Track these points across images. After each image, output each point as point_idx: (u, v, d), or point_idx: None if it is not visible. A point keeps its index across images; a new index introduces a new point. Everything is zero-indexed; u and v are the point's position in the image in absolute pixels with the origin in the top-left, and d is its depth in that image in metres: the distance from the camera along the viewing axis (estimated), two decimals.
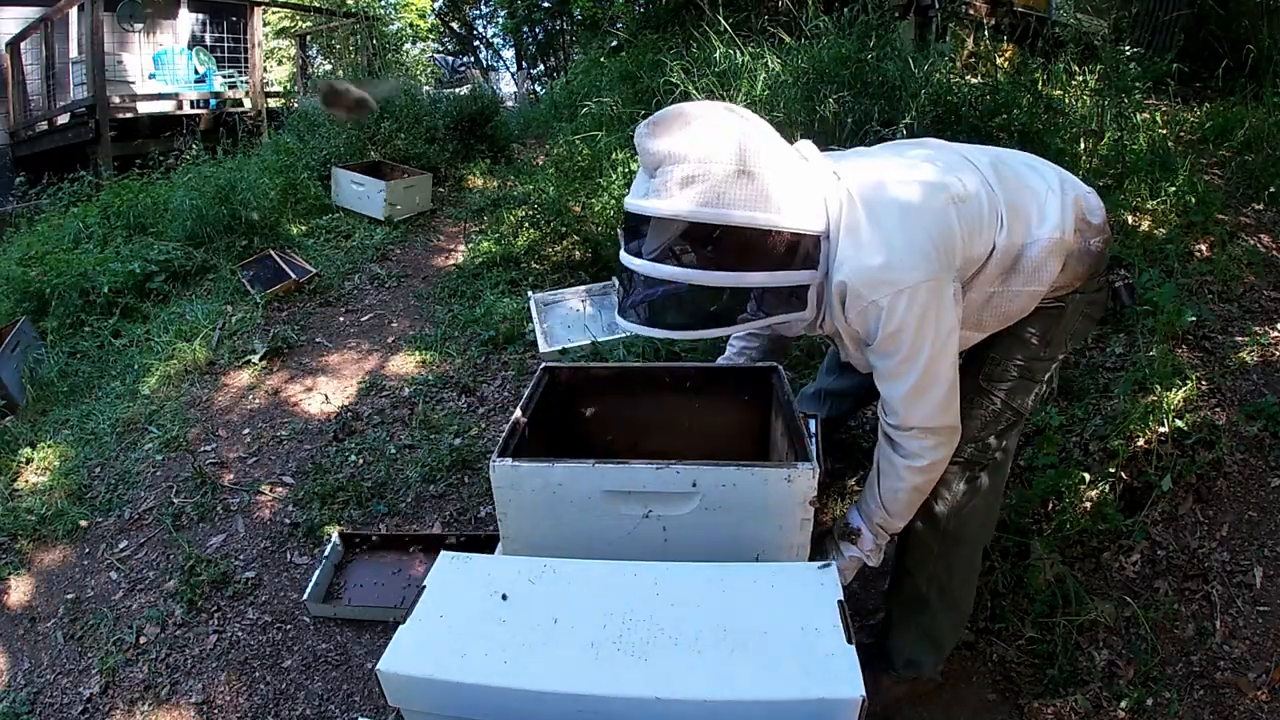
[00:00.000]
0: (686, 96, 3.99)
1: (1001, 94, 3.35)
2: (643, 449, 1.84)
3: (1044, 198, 1.33)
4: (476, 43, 12.62)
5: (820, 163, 1.33)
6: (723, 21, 4.27)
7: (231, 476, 2.61)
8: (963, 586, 1.57)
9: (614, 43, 6.48)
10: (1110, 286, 1.47)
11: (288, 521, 2.40)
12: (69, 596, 2.25)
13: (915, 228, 1.22)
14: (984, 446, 1.45)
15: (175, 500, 2.52)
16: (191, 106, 7.82)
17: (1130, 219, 2.92)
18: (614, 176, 3.79)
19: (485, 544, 2.06)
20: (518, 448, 1.48)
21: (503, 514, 1.44)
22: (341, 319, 3.59)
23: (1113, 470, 2.06)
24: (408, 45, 10.78)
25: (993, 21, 4.92)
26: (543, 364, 1.78)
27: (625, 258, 1.26)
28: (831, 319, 1.31)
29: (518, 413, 1.58)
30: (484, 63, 12.48)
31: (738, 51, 4.10)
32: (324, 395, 3.02)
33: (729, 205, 1.16)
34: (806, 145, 1.36)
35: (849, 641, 1.08)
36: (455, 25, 12.49)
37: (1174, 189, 2.95)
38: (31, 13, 7.32)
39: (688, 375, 1.79)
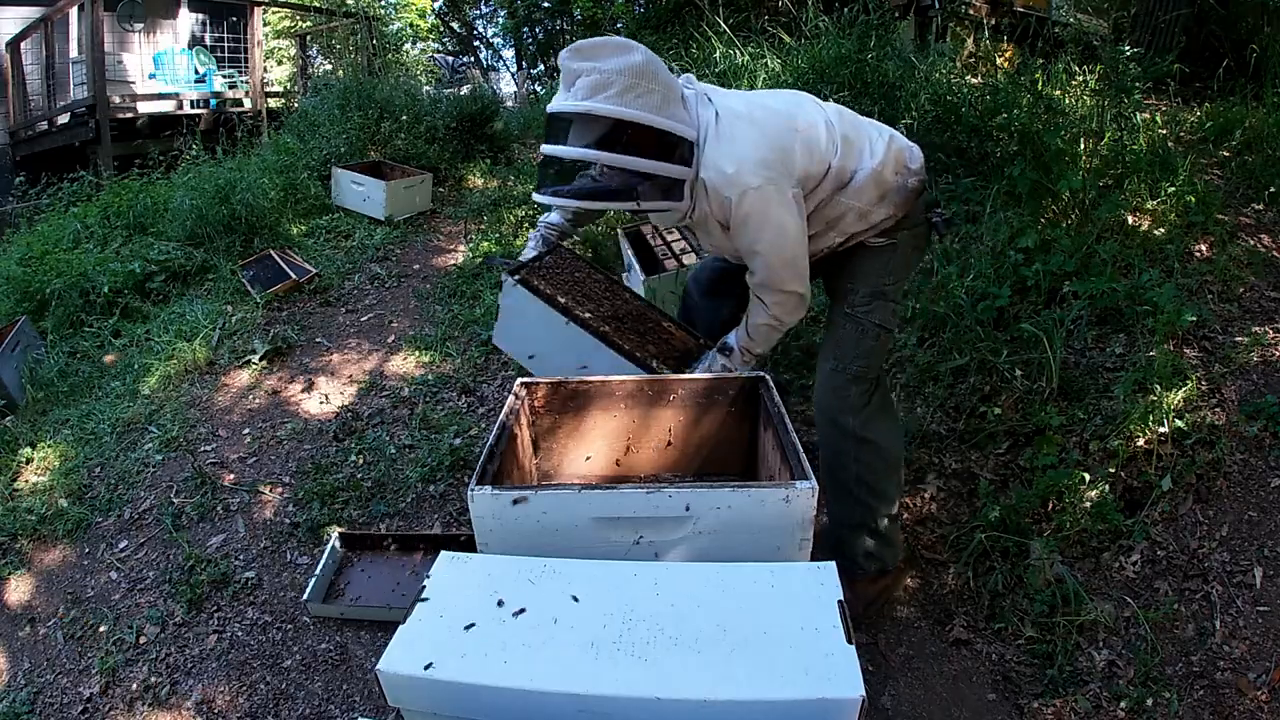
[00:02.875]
0: None
1: (1001, 94, 3.35)
2: (626, 465, 1.82)
3: (874, 140, 1.74)
4: (476, 43, 12.62)
5: (700, 89, 1.69)
6: (722, 22, 4.27)
7: (231, 476, 2.61)
8: (884, 479, 1.84)
9: None
10: (929, 223, 1.86)
11: (288, 521, 2.40)
12: (69, 596, 2.25)
13: (761, 144, 1.60)
14: (866, 360, 1.80)
15: (175, 500, 2.52)
16: (191, 106, 7.82)
17: (1130, 219, 2.92)
18: None
19: None
20: (497, 474, 1.42)
21: (483, 544, 1.37)
22: (341, 319, 3.59)
23: (1113, 470, 2.06)
24: (408, 45, 10.78)
25: (993, 21, 4.92)
26: (519, 380, 1.73)
27: (546, 147, 1.60)
28: (700, 209, 1.68)
29: (493, 436, 1.51)
30: (484, 63, 12.47)
31: (738, 51, 4.10)
32: (324, 395, 3.02)
33: (628, 106, 1.53)
34: (689, 77, 1.73)
35: (849, 641, 1.08)
36: (455, 25, 12.48)
37: (1174, 189, 2.95)
38: (31, 13, 7.32)
39: (672, 388, 1.75)
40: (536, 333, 2.01)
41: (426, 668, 1.09)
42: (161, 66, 7.90)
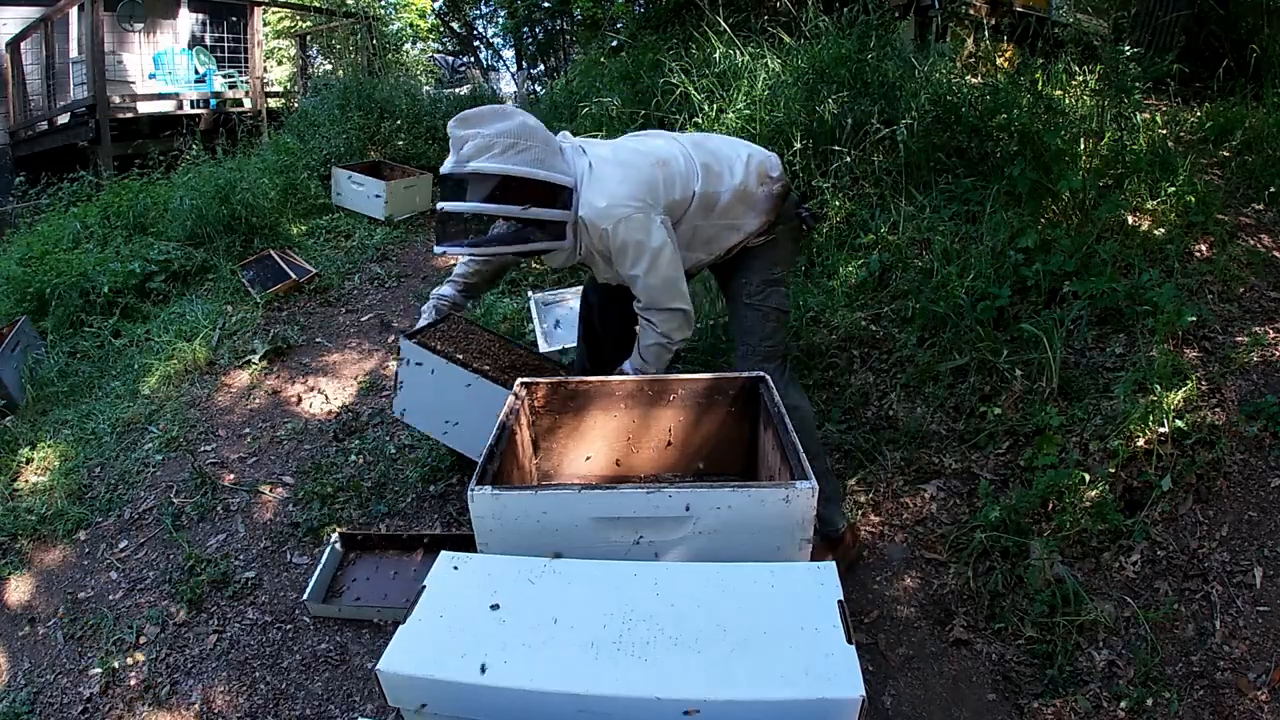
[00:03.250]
0: (686, 97, 3.99)
1: (1001, 94, 3.35)
2: (627, 465, 1.82)
3: (733, 162, 1.93)
4: (476, 43, 12.60)
5: (574, 143, 1.89)
6: (722, 22, 4.27)
7: (231, 476, 2.61)
8: (812, 440, 1.97)
9: (614, 43, 6.48)
10: (800, 218, 2.07)
11: (288, 521, 2.40)
12: (69, 596, 2.25)
13: (627, 180, 1.79)
14: (772, 340, 2.00)
15: (175, 500, 2.52)
16: (191, 106, 7.82)
17: (1130, 219, 2.92)
18: None
19: None
20: (497, 474, 1.42)
21: (483, 544, 1.37)
22: (341, 319, 3.59)
23: (1113, 470, 2.06)
24: (408, 45, 10.78)
25: (993, 22, 4.92)
26: (519, 380, 1.74)
27: (443, 205, 1.78)
28: (584, 245, 1.84)
29: (493, 436, 1.51)
30: (484, 63, 12.46)
31: (737, 52, 4.10)
32: (324, 395, 3.02)
33: (509, 163, 1.72)
34: (565, 134, 1.94)
35: (849, 641, 1.08)
36: (455, 25, 12.48)
37: (1174, 189, 2.95)
38: (31, 13, 7.32)
39: (672, 388, 1.75)
40: (441, 396, 2.14)
41: (426, 668, 1.09)
42: (161, 66, 7.89)
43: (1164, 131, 3.40)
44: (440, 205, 1.81)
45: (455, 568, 1.29)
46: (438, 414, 2.19)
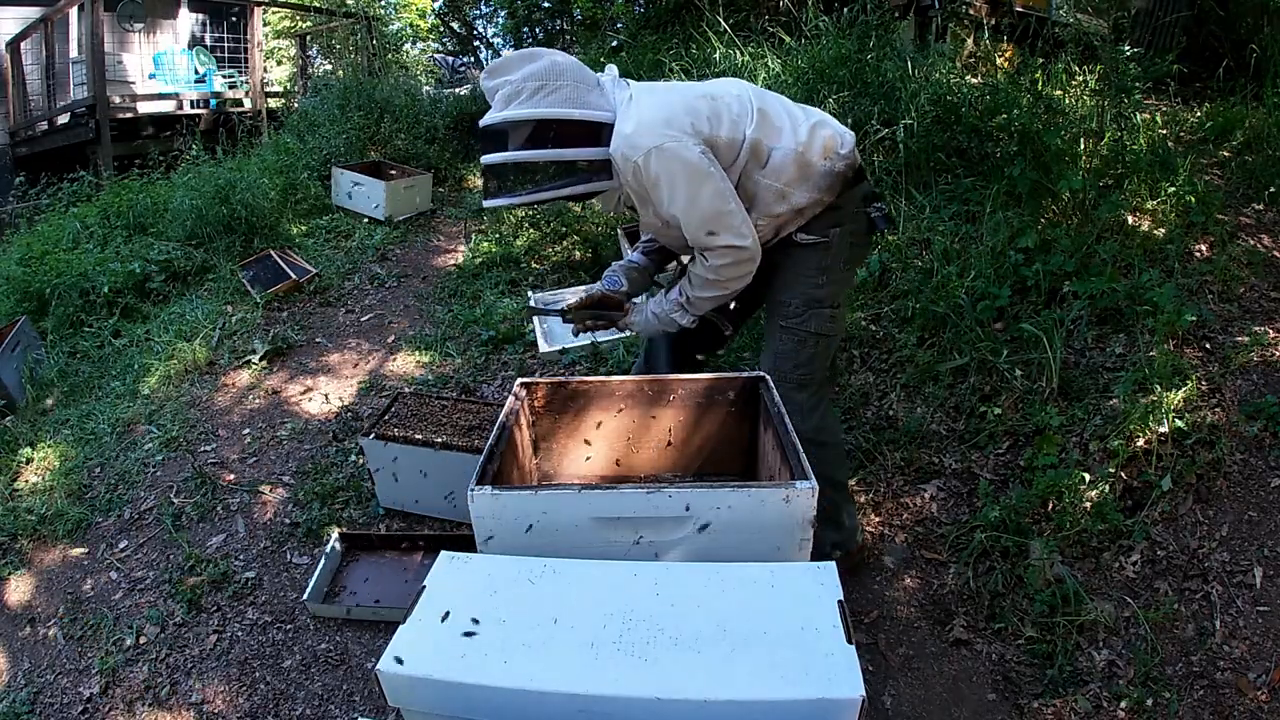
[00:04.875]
0: None
1: (1001, 94, 3.35)
2: (627, 465, 1.82)
3: (797, 121, 1.73)
4: (476, 43, 12.60)
5: (614, 77, 1.75)
6: (722, 22, 4.27)
7: (231, 476, 2.61)
8: (837, 471, 1.92)
9: (614, 43, 6.48)
10: (868, 217, 1.81)
11: (288, 521, 2.40)
12: (69, 596, 2.25)
13: (661, 107, 1.63)
14: (808, 368, 1.81)
15: (175, 500, 2.52)
16: (192, 106, 7.82)
17: (1130, 219, 2.92)
18: None
19: None
20: (497, 474, 1.42)
21: (483, 544, 1.37)
22: (341, 319, 3.59)
23: (1113, 470, 2.06)
24: (408, 45, 10.78)
25: (993, 22, 4.91)
26: (519, 380, 1.74)
27: (484, 158, 1.70)
28: (626, 185, 1.69)
29: (493, 436, 1.51)
30: (484, 63, 12.46)
31: (737, 52, 4.10)
32: (324, 395, 3.02)
33: (539, 106, 1.63)
34: (610, 68, 1.79)
35: (849, 641, 1.08)
36: (455, 25, 12.47)
37: (1174, 189, 2.95)
38: (31, 13, 7.32)
39: (672, 388, 1.74)
40: (420, 475, 2.23)
41: (426, 668, 1.09)
42: (161, 66, 7.89)
43: (1164, 131, 3.40)
44: (482, 159, 1.73)
45: (455, 568, 1.29)
46: (421, 492, 2.29)
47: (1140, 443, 2.07)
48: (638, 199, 1.72)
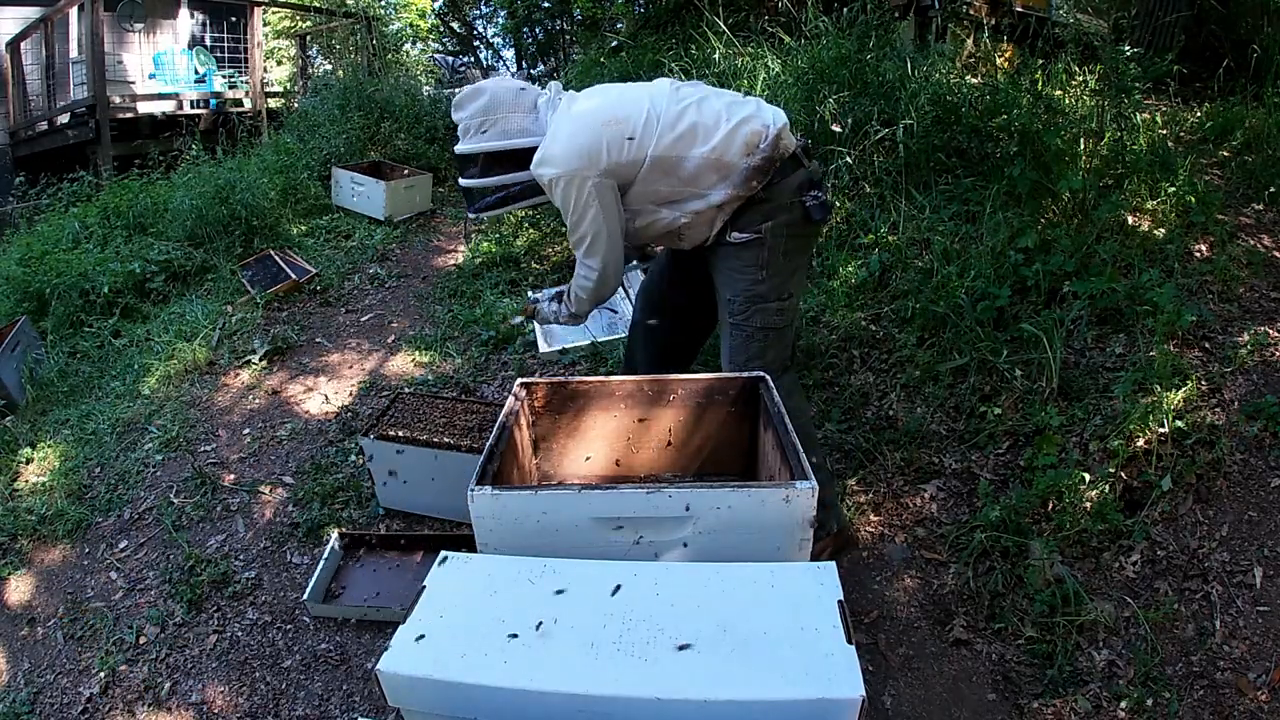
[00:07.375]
0: None
1: (1001, 94, 3.35)
2: (626, 465, 1.82)
3: (720, 124, 1.80)
4: (476, 43, 12.60)
5: (551, 96, 1.93)
6: (721, 23, 4.27)
7: (231, 476, 2.61)
8: (811, 452, 1.91)
9: (614, 43, 6.48)
10: (803, 206, 1.84)
11: (288, 521, 2.40)
12: (69, 596, 2.25)
13: (571, 137, 1.80)
14: (760, 359, 1.87)
15: (175, 500, 2.52)
16: (192, 106, 7.81)
17: (1130, 219, 2.92)
18: None
19: None
20: (497, 474, 1.42)
21: (483, 544, 1.37)
22: (341, 319, 3.59)
23: (1113, 470, 2.06)
24: (408, 45, 10.78)
25: (993, 22, 4.91)
26: (519, 380, 1.75)
27: (462, 181, 2.02)
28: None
29: (493, 436, 1.51)
30: (484, 63, 12.45)
31: (737, 52, 4.10)
32: (324, 395, 3.02)
33: (479, 141, 1.91)
34: (553, 85, 1.97)
35: (849, 641, 1.08)
36: (455, 25, 12.48)
37: (1174, 189, 2.95)
38: (31, 13, 7.31)
39: (672, 388, 1.74)
40: (421, 476, 2.25)
41: (426, 668, 1.09)
42: (161, 66, 7.89)
43: (1164, 131, 3.40)
44: (461, 181, 2.05)
45: (455, 568, 1.29)
46: (422, 493, 2.30)
47: (1140, 443, 2.07)
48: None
